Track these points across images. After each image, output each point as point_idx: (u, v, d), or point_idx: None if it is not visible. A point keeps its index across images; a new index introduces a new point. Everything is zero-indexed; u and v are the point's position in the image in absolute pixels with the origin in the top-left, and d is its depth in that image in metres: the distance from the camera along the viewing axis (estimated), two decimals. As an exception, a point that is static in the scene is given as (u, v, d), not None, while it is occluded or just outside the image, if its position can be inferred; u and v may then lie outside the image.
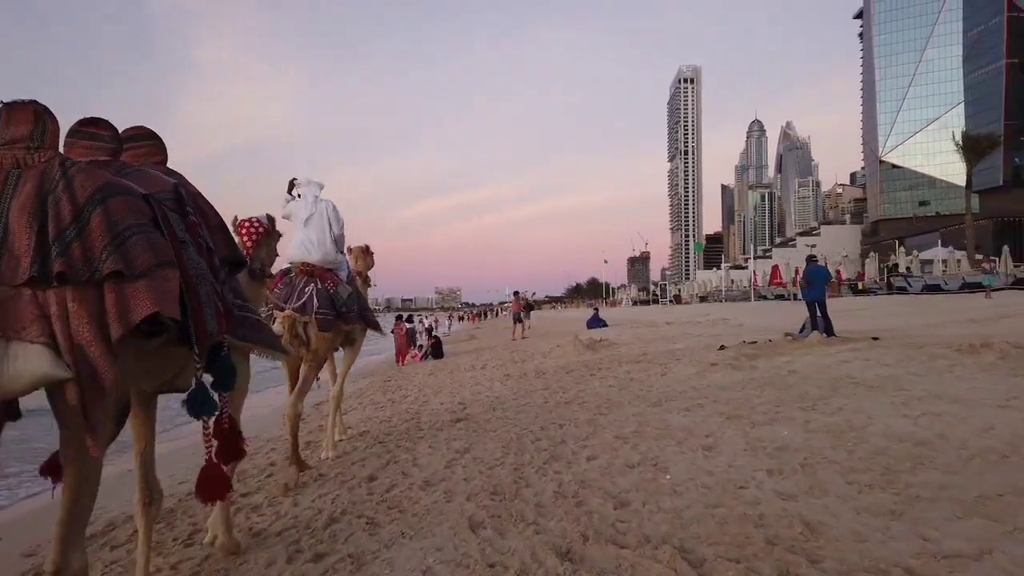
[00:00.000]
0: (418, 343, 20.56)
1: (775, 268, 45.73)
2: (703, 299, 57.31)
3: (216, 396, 2.80)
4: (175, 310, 2.23)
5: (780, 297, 38.47)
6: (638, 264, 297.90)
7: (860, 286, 32.48)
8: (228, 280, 3.03)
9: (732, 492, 3.61)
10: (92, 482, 2.16)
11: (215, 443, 3.01)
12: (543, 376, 10.59)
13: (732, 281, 60.64)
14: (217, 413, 2.91)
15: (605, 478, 4.27)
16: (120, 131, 2.81)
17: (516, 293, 25.70)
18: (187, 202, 2.72)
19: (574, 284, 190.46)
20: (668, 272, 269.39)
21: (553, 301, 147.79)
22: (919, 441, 4.09)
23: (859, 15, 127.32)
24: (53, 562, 2.07)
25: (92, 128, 2.64)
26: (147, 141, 2.97)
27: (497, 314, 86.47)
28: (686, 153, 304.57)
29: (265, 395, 12.81)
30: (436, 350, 18.86)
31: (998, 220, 79.89)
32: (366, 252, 7.39)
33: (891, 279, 30.96)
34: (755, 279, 46.96)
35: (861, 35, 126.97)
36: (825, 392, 6.08)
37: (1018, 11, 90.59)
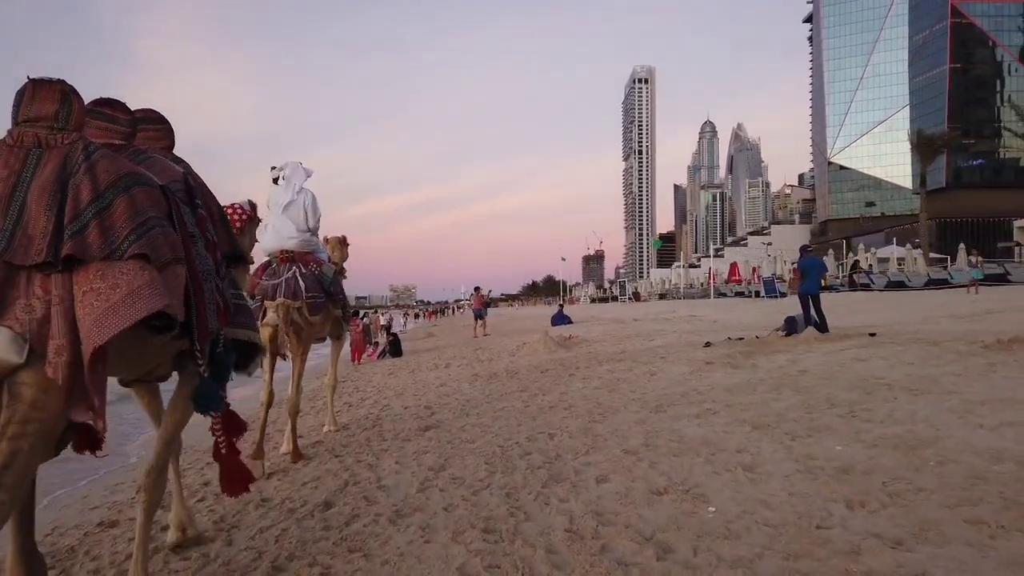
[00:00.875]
0: (373, 340, 19.38)
1: (733, 265, 45.72)
2: (662, 296, 57.06)
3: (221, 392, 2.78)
4: (181, 309, 2.20)
5: (740, 295, 38.27)
6: (593, 263, 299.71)
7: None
8: (227, 273, 2.97)
9: (810, 534, 2.74)
10: (17, 475, 1.95)
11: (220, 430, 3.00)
12: (516, 376, 9.66)
13: (693, 279, 60.60)
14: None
15: (628, 509, 3.36)
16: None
17: (477, 289, 24.60)
18: (196, 194, 2.67)
19: (530, 282, 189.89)
20: (622, 270, 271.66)
21: (509, 299, 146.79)
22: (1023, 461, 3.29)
23: (809, 19, 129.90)
24: None
25: (108, 110, 2.56)
26: (157, 126, 2.88)
27: (453, 312, 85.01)
28: (640, 153, 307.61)
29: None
30: (394, 348, 17.75)
31: (941, 221, 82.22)
32: (342, 243, 7.17)
33: (853, 276, 30.98)
34: (712, 276, 46.82)
35: (811, 39, 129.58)
36: (857, 396, 5.30)
37: (961, 17, 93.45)
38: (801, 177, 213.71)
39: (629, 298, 58.27)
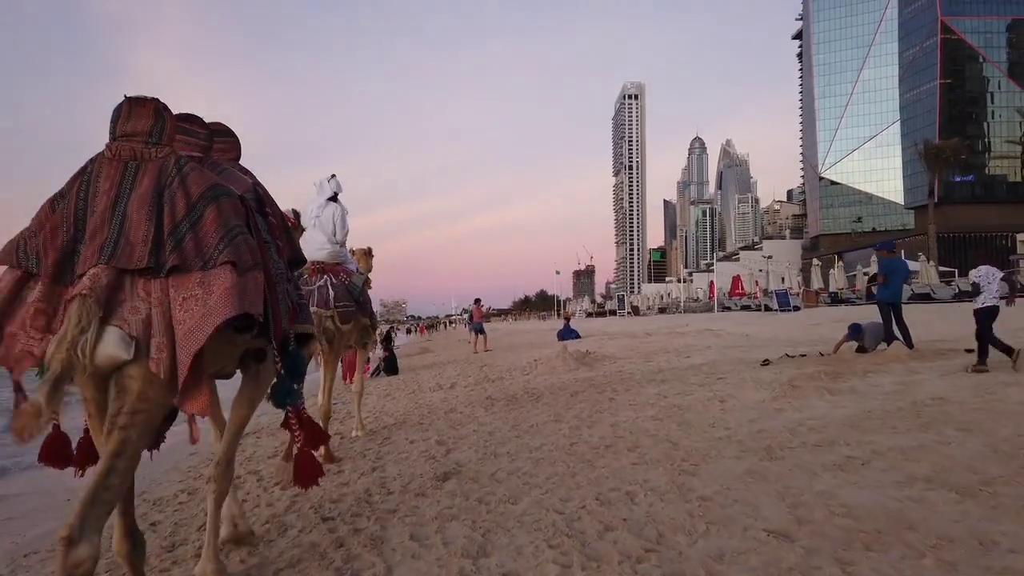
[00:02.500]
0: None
1: (736, 278, 44.17)
2: (662, 310, 55.38)
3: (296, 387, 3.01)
4: (260, 310, 2.34)
5: (746, 308, 36.69)
6: (583, 277, 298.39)
7: (839, 295, 31.05)
8: (293, 276, 3.14)
9: None
10: (127, 460, 2.17)
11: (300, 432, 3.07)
12: (540, 400, 8.06)
13: (694, 292, 58.74)
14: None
15: None
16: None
17: (478, 301, 22.80)
18: (266, 203, 2.89)
19: (522, 296, 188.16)
20: (612, 285, 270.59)
21: (502, 314, 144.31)
22: None
23: (797, 36, 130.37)
24: (68, 527, 2.01)
25: (187, 124, 2.68)
26: (227, 138, 3.00)
27: (445, 327, 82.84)
28: (630, 168, 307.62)
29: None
30: (390, 365, 16.09)
31: (933, 236, 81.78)
32: (368, 254, 7.23)
33: (872, 287, 29.27)
34: (713, 290, 45.29)
35: (799, 55, 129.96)
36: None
37: (951, 33, 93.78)
38: (790, 193, 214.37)
39: (627, 312, 56.64)
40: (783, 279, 42.62)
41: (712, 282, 46.93)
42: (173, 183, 2.27)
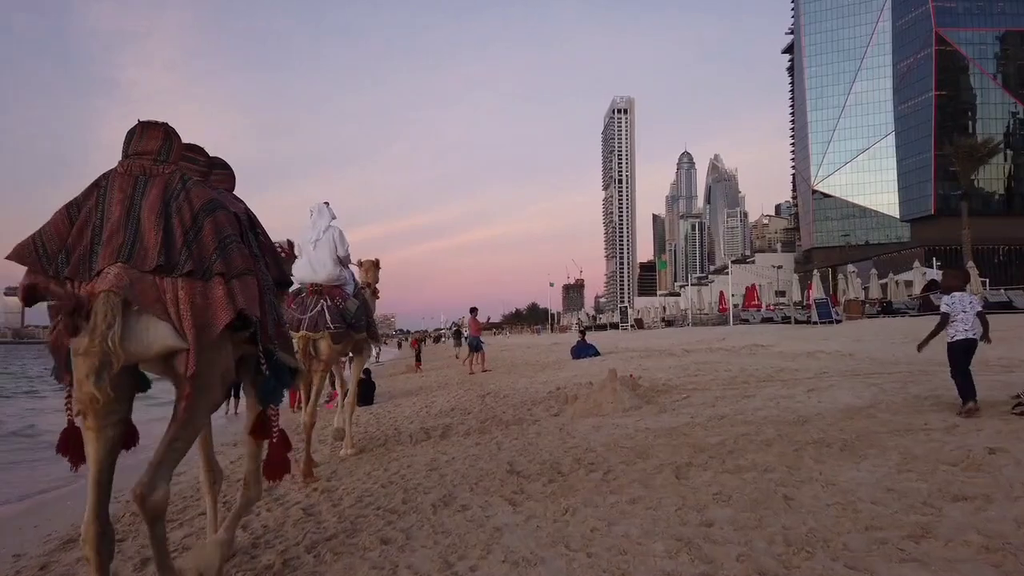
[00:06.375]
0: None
1: (751, 289, 40.63)
2: (669, 323, 51.62)
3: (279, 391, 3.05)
4: (257, 311, 2.60)
5: (769, 320, 33.12)
6: (573, 291, 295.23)
7: (891, 304, 27.55)
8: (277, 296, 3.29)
9: None
10: (191, 430, 2.49)
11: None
12: (612, 482, 4.29)
13: (705, 302, 54.76)
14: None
15: None
16: None
17: (474, 310, 18.84)
18: (257, 223, 3.10)
19: (513, 310, 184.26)
20: (602, 299, 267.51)
21: (494, 327, 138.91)
22: None
23: (788, 50, 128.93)
24: (140, 484, 2.31)
25: (190, 153, 2.83)
26: (223, 170, 3.14)
27: (436, 341, 78.11)
28: (620, 182, 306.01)
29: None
30: (364, 392, 12.22)
31: (928, 248, 79.61)
32: (376, 266, 7.25)
33: (931, 296, 25.82)
34: (724, 300, 41.71)
35: (790, 69, 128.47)
36: None
37: (946, 44, 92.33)
38: (778, 207, 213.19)
39: (631, 325, 52.84)
40: (803, 289, 39.18)
41: (722, 292, 43.35)
42: (179, 196, 2.48)
